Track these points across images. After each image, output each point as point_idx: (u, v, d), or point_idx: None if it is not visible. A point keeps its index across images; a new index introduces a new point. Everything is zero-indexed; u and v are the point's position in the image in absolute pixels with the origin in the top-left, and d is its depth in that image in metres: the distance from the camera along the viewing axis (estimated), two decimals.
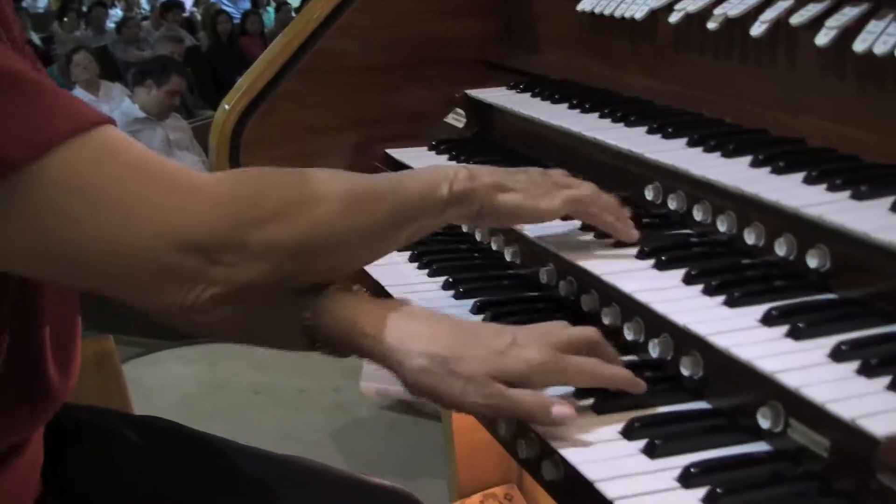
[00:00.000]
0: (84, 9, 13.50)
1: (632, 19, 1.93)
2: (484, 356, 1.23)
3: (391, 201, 1.36)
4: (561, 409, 1.22)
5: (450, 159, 2.05)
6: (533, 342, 1.25)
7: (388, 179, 1.42)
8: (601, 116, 1.83)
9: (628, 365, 1.37)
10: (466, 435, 2.63)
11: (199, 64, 10.39)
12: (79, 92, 7.53)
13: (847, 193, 1.33)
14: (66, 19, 13.17)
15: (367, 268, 1.76)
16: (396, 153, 2.15)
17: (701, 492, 1.08)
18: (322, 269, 1.32)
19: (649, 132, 1.70)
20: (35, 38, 11.80)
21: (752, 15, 1.66)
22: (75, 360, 1.51)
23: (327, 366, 4.67)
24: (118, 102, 6.82)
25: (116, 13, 14.53)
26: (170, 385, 4.57)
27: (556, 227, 1.58)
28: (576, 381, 1.28)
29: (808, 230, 1.32)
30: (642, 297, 1.34)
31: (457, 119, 2.29)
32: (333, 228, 1.29)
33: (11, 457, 1.41)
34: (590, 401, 1.28)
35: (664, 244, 1.48)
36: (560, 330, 1.29)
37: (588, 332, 1.30)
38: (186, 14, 13.99)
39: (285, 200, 1.25)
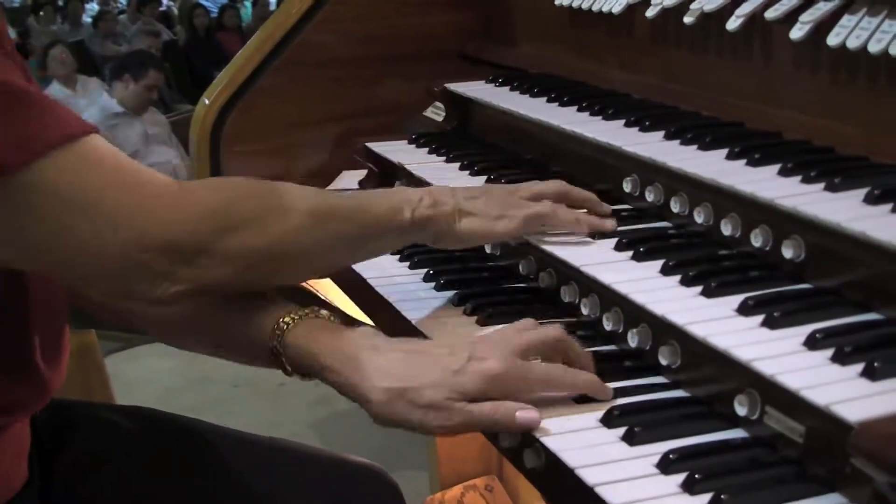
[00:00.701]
0: (60, 3, 13.42)
1: (609, 13, 1.95)
2: (440, 380, 1.26)
3: (355, 222, 1.43)
4: (524, 415, 1.24)
5: (429, 153, 2.06)
6: (492, 352, 1.27)
7: (354, 199, 1.50)
8: (579, 110, 1.85)
9: (607, 355, 1.40)
10: None
11: (176, 58, 10.34)
12: (56, 87, 7.51)
13: (821, 185, 1.35)
14: (41, 13, 13.10)
15: None
16: (376, 147, 2.16)
17: (680, 478, 1.11)
18: (282, 277, 1.45)
19: (627, 125, 1.71)
20: (11, 32, 11.74)
21: (728, 9, 1.68)
22: (64, 353, 1.53)
23: None
24: (96, 97, 6.80)
25: (93, 7, 14.44)
26: (150, 379, 4.57)
27: None
28: (539, 388, 1.29)
29: (783, 221, 1.34)
30: (621, 287, 1.36)
31: (436, 113, 2.30)
32: (299, 241, 1.36)
33: (1, 438, 1.44)
34: None
35: (642, 236, 1.50)
36: (521, 334, 1.31)
37: (552, 332, 1.32)
38: (163, 8, 13.94)
39: (255, 210, 1.33)
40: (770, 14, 1.59)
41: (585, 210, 1.57)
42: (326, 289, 1.88)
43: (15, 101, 1.18)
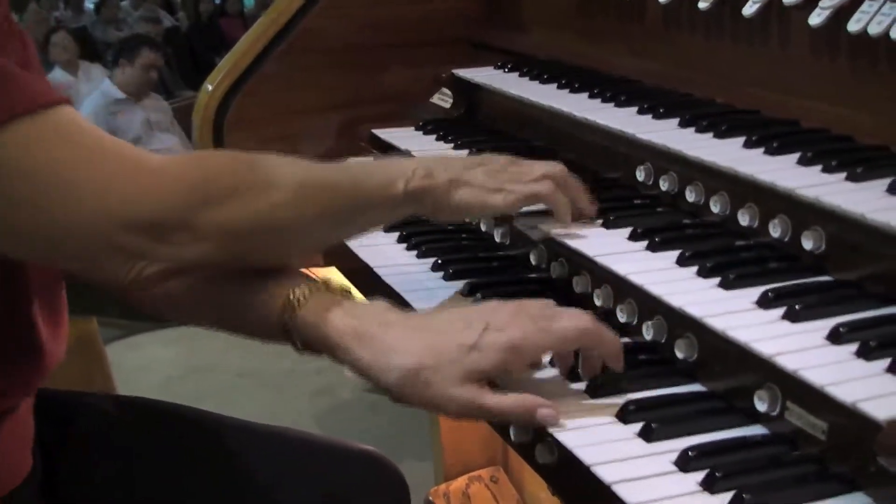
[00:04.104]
0: None
1: None
2: (456, 357, 1.20)
3: (344, 195, 1.37)
4: (545, 412, 1.20)
5: (437, 140, 2.03)
6: (510, 319, 1.22)
7: (345, 171, 1.43)
8: (591, 97, 1.82)
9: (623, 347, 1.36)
10: None
11: (178, 44, 10.32)
12: (58, 73, 7.48)
13: (843, 175, 1.32)
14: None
15: (356, 250, 1.75)
16: (383, 133, 2.13)
17: (699, 475, 1.07)
18: (266, 254, 1.34)
19: (640, 112, 1.68)
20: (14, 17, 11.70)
21: None
22: (63, 319, 1.51)
23: None
24: (98, 83, 6.77)
25: None
26: (151, 368, 4.55)
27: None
28: (562, 340, 1.25)
29: (804, 212, 1.30)
30: (636, 278, 1.33)
31: (443, 99, 2.26)
32: (282, 216, 1.29)
33: (5, 422, 1.41)
34: (583, 385, 1.27)
35: (657, 225, 1.46)
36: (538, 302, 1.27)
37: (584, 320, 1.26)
38: None
39: (234, 185, 1.26)
40: None
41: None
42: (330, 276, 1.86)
43: None
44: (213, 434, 1.70)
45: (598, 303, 1.44)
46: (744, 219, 1.40)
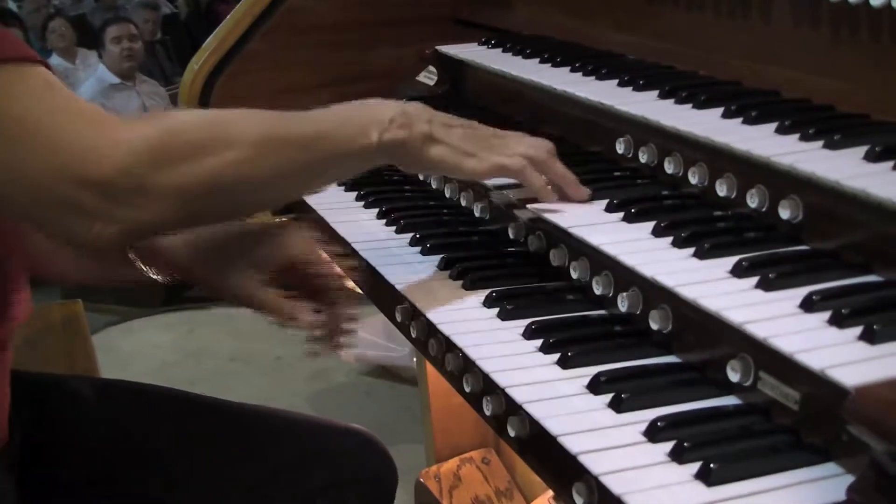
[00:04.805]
0: None
1: None
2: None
3: (312, 149, 1.33)
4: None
5: None
6: None
7: (314, 122, 1.36)
8: (572, 70, 1.79)
9: (597, 319, 1.34)
10: (443, 399, 2.60)
11: (177, 31, 10.28)
12: (56, 60, 7.45)
13: (820, 143, 1.30)
14: None
15: (334, 224, 1.74)
16: None
17: (667, 446, 1.05)
18: (228, 211, 1.33)
19: (620, 85, 1.66)
20: (12, 4, 11.67)
21: None
22: (25, 279, 1.52)
23: (305, 332, 4.63)
24: (94, 70, 6.77)
25: None
26: (146, 353, 4.54)
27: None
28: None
29: (781, 181, 1.28)
30: (610, 249, 1.31)
31: (429, 77, 2.24)
32: (242, 173, 1.25)
33: None
34: (555, 356, 1.25)
35: (634, 196, 1.44)
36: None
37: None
38: None
39: (193, 143, 1.23)
40: None
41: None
42: None
43: None
44: (198, 415, 1.70)
45: (574, 275, 1.42)
46: (721, 189, 1.38)
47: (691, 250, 1.27)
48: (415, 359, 3.11)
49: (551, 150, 1.48)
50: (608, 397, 1.15)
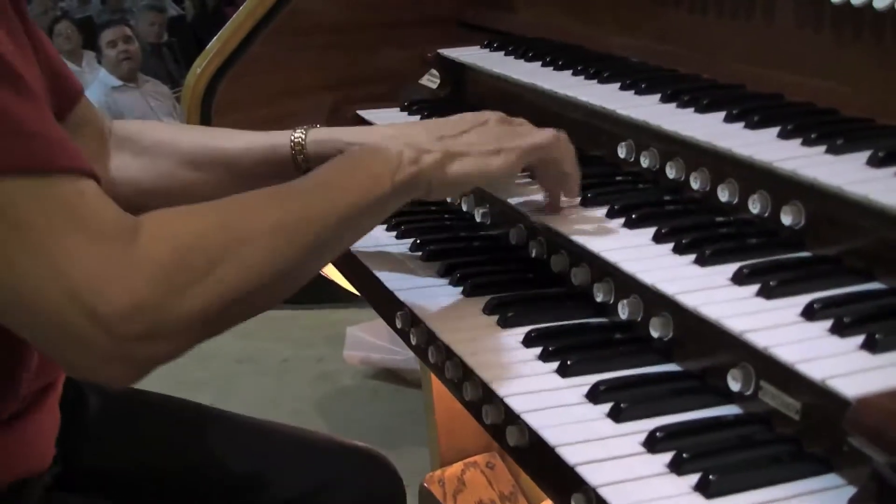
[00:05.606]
0: None
1: None
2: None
3: (327, 217, 1.22)
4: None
5: (422, 120, 2.00)
6: None
7: (324, 185, 1.27)
8: (574, 74, 1.78)
9: (597, 326, 1.33)
10: (447, 403, 2.59)
11: (183, 34, 10.28)
12: None
13: (822, 148, 1.28)
14: None
15: None
16: (368, 115, 2.09)
17: (667, 457, 1.04)
18: (254, 310, 1.18)
19: (622, 88, 1.64)
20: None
21: None
22: None
23: (311, 335, 4.64)
24: (97, 73, 6.80)
25: None
26: None
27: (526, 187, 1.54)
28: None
29: (783, 186, 1.27)
30: (611, 256, 1.30)
31: (431, 80, 2.23)
32: (265, 267, 1.14)
33: (42, 399, 1.41)
34: (555, 364, 1.24)
35: (635, 202, 1.43)
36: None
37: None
38: None
39: (208, 253, 1.10)
40: None
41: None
42: None
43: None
44: (203, 427, 1.69)
45: (575, 282, 1.41)
46: (723, 195, 1.36)
47: (692, 257, 1.25)
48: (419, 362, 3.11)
49: (566, 139, 1.45)
50: (607, 406, 1.14)
